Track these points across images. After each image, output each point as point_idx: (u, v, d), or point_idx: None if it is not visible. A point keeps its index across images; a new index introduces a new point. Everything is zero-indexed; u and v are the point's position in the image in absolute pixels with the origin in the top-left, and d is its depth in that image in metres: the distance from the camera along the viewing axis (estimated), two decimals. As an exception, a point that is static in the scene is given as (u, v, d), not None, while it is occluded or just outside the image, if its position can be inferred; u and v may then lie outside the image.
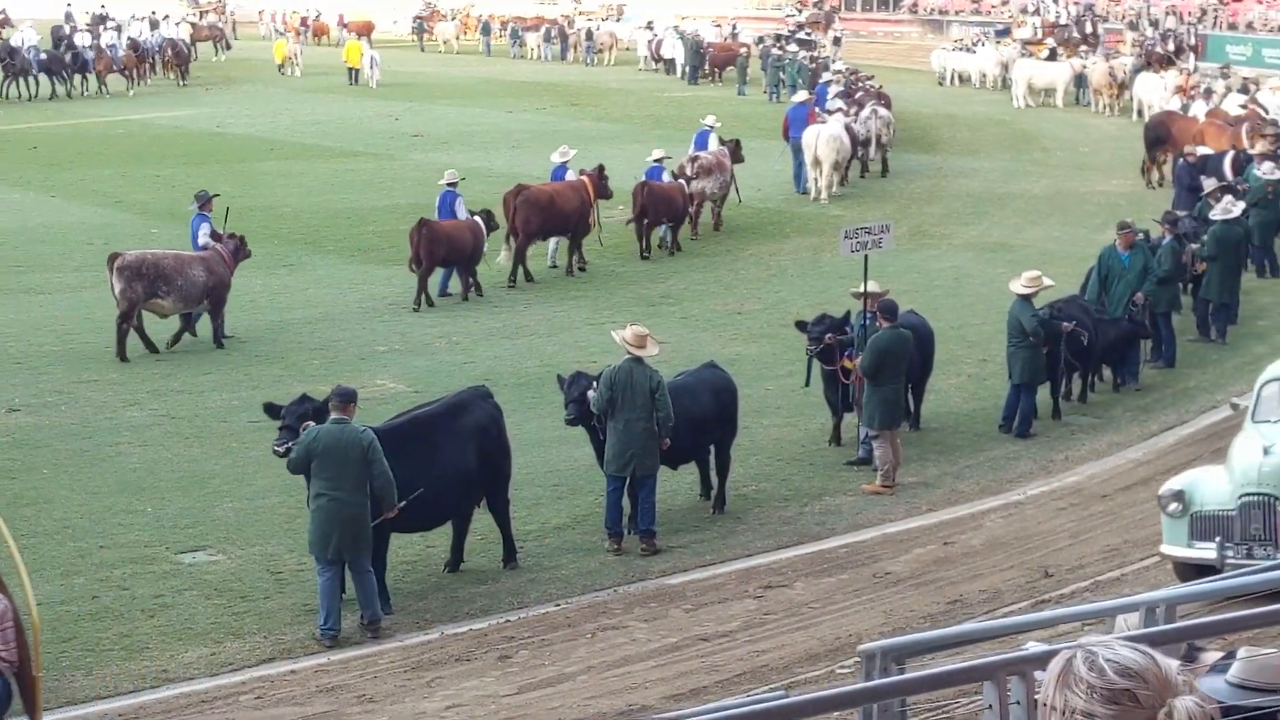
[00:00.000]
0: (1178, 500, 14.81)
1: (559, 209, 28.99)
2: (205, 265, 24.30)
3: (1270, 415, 15.34)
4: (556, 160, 31.35)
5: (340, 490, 14.51)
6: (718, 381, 18.29)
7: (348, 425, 14.66)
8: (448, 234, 27.17)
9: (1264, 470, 14.47)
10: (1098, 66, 51.03)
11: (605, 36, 71.97)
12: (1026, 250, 29.86)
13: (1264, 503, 14.43)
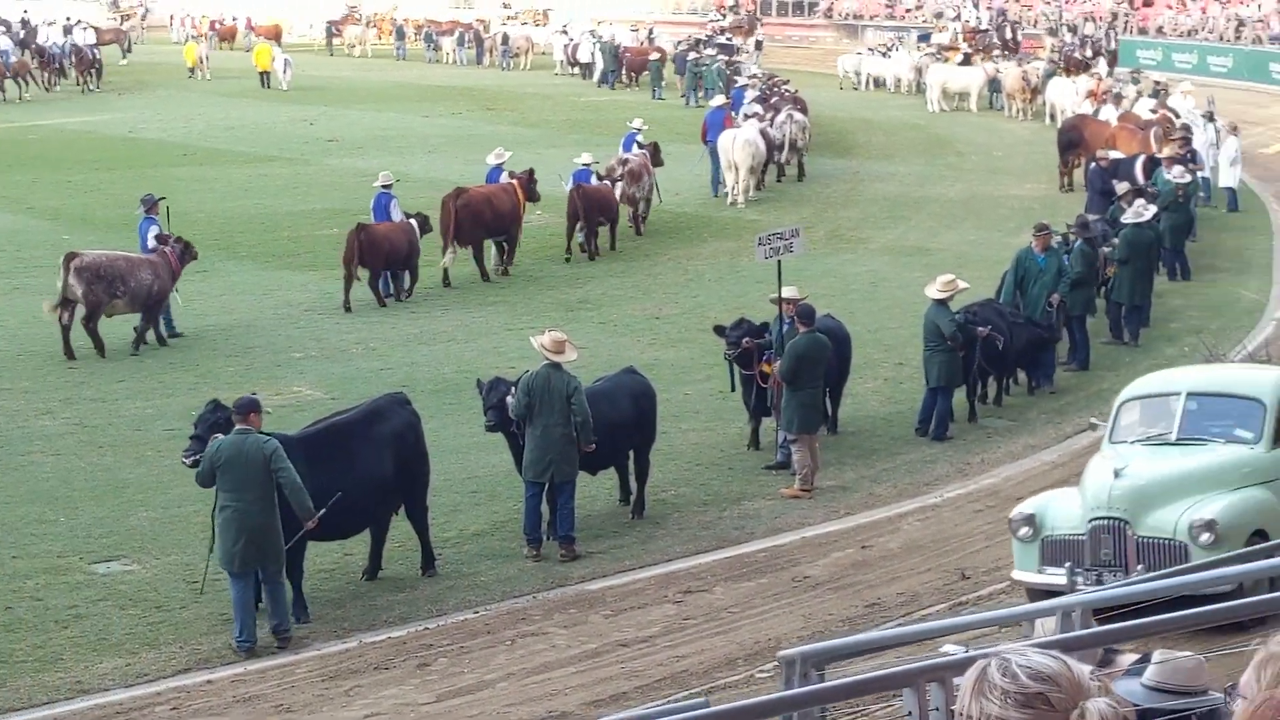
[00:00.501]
0: (1028, 524, 14.49)
1: (496, 211, 29.23)
2: (152, 269, 24.46)
3: (1128, 436, 15.16)
4: (492, 162, 31.57)
5: (244, 501, 14.41)
6: (636, 386, 18.30)
7: (250, 434, 14.56)
8: (386, 236, 27.26)
9: (1115, 493, 14.14)
10: (1011, 71, 51.41)
11: (521, 41, 71.82)
12: (942, 254, 30.04)
13: (1114, 527, 14.07)
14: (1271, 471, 14.69)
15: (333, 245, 27.89)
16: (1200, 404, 15.17)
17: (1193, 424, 15.02)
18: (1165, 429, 15.05)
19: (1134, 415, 15.37)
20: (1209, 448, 14.85)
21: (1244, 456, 14.72)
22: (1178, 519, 13.98)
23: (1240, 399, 15.18)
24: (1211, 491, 14.30)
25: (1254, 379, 15.81)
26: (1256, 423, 14.85)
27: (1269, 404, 14.87)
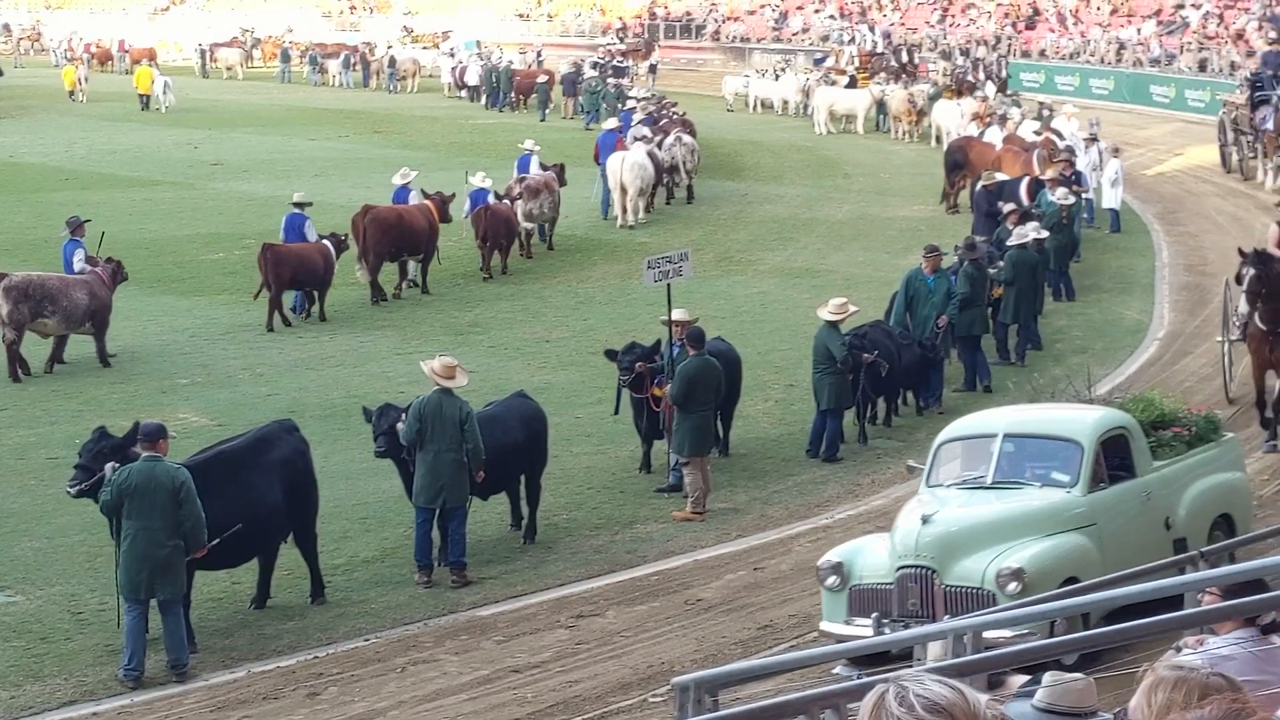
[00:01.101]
0: (836, 573, 13.97)
1: (408, 228, 29.42)
2: (88, 288, 24.57)
3: (946, 478, 14.73)
4: (398, 182, 31.74)
5: (153, 528, 14.22)
6: (527, 410, 18.25)
7: (160, 462, 14.40)
8: (296, 255, 27.30)
9: (922, 540, 13.59)
10: (897, 94, 51.82)
11: (408, 64, 71.58)
12: (831, 275, 30.19)
13: (921, 575, 13.53)
14: (1088, 516, 14.30)
15: (218, 270, 27.66)
16: (1017, 446, 14.80)
17: (1009, 467, 14.63)
18: (981, 472, 14.62)
19: (951, 457, 14.93)
20: (1024, 492, 14.46)
21: (1060, 501, 14.32)
22: (985, 567, 13.51)
23: (1057, 440, 14.83)
24: (1024, 538, 13.85)
25: (1072, 420, 15.37)
26: (1074, 465, 14.49)
27: (1086, 446, 14.53)
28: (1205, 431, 16.10)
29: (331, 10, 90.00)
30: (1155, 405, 16.18)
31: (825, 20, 73.36)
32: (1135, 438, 15.04)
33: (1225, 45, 54.69)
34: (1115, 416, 15.22)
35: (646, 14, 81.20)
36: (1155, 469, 15.17)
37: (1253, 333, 20.24)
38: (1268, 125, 36.96)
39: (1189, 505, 15.29)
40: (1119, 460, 14.85)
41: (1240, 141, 39.35)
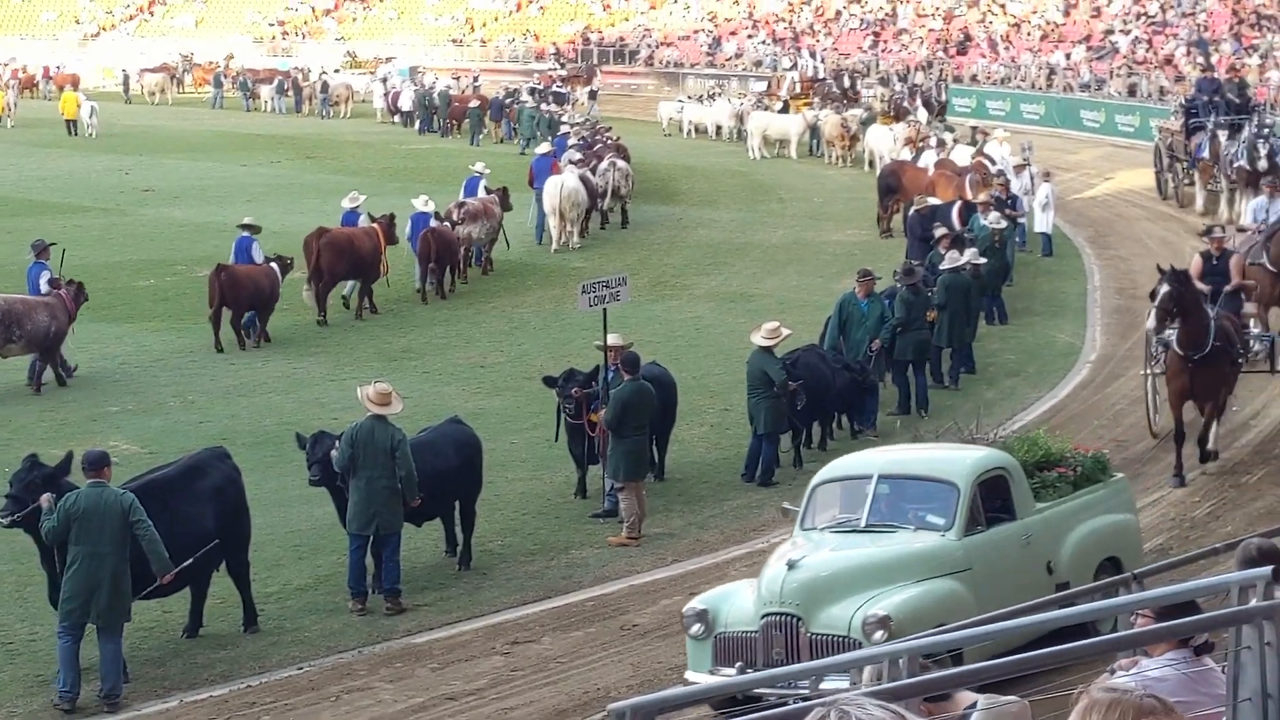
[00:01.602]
0: (700, 620, 13.45)
1: (357, 251, 29.74)
2: (49, 310, 24.87)
3: (820, 521, 14.23)
4: (347, 205, 32.04)
5: (100, 553, 14.12)
6: (461, 436, 18.20)
7: (107, 488, 14.33)
8: (250, 277, 27.52)
9: (787, 587, 13.11)
10: (830, 119, 52.02)
11: (341, 89, 71.38)
12: (766, 299, 30.23)
13: (786, 623, 13.04)
14: (963, 561, 13.82)
15: (150, 296, 27.46)
16: (893, 487, 14.29)
17: (884, 509, 14.11)
18: (856, 515, 14.10)
19: (826, 500, 14.40)
20: (898, 535, 13.98)
21: (933, 545, 13.85)
22: (852, 615, 13.02)
23: (933, 482, 14.36)
24: (894, 584, 13.38)
25: (949, 461, 14.82)
26: (949, 508, 14.01)
27: (962, 488, 14.06)
28: (1093, 472, 15.64)
29: (264, 36, 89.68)
30: (1040, 445, 15.76)
31: (758, 45, 73.64)
32: (1016, 479, 14.61)
33: (1154, 71, 55.21)
34: (994, 457, 14.79)
35: (580, 39, 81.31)
36: (1037, 511, 14.73)
37: (1171, 360, 19.94)
38: (1203, 153, 36.93)
39: (1073, 548, 14.82)
40: (999, 502, 14.43)
41: (1175, 168, 39.35)
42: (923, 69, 58.73)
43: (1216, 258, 22.12)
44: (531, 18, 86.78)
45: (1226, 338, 19.78)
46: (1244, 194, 34.35)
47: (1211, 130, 36.42)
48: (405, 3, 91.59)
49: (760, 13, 78.28)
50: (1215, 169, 36.41)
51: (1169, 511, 18.88)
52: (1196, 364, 19.46)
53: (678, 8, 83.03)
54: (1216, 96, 38.02)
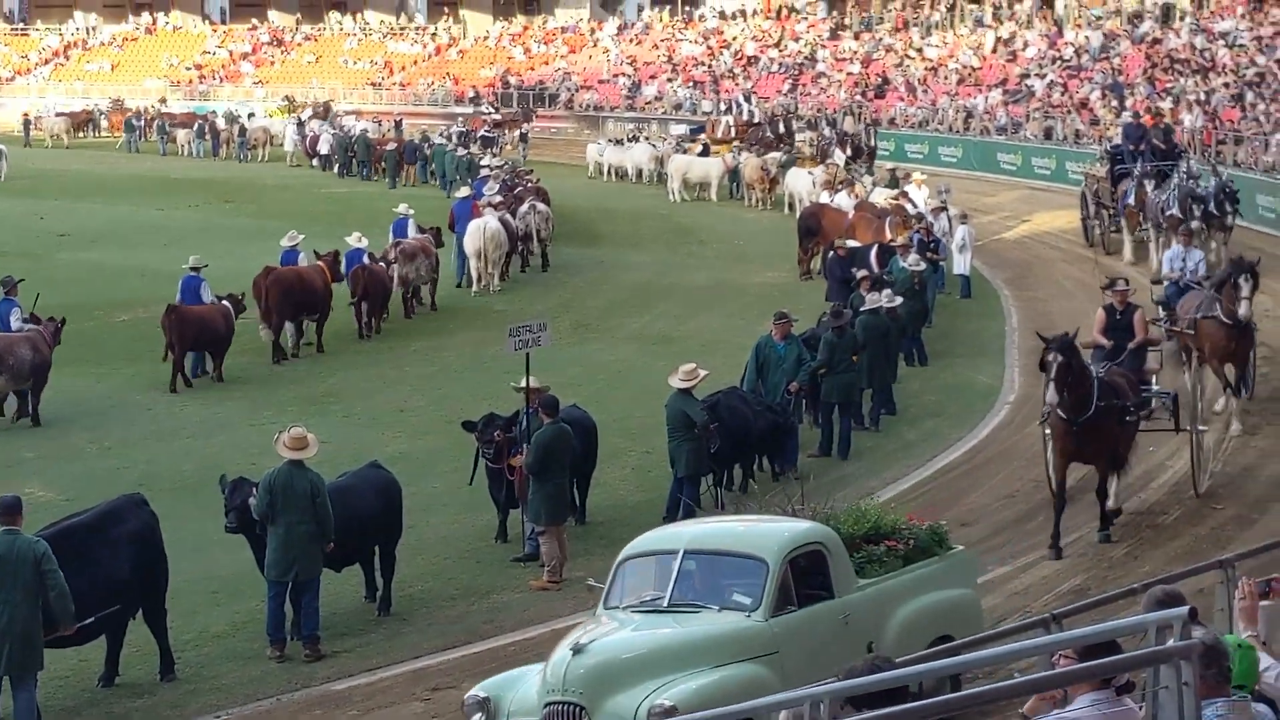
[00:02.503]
0: (481, 709, 12.54)
1: (307, 288, 30.12)
2: (31, 344, 25.22)
3: (624, 599, 13.31)
4: (286, 245, 32.48)
5: (14, 601, 13.89)
6: (380, 481, 18.09)
7: (19, 535, 14.11)
8: (200, 317, 27.74)
9: (572, 673, 12.24)
10: (750, 161, 52.19)
11: (259, 133, 71.11)
12: (688, 341, 30.26)
13: (569, 712, 12.19)
14: (769, 643, 12.85)
15: (68, 341, 27.13)
16: (699, 564, 13.36)
17: (688, 587, 13.17)
18: (659, 593, 13.14)
19: (632, 576, 13.45)
20: (701, 616, 12.97)
21: (737, 627, 12.89)
22: (638, 705, 12.15)
23: (741, 558, 13.36)
24: (690, 669, 12.44)
25: (759, 535, 13.81)
26: (757, 587, 13.03)
27: (772, 564, 13.08)
28: (928, 544, 14.73)
29: (180, 80, 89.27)
30: (869, 517, 14.85)
31: (678, 89, 73.92)
32: (834, 554, 13.64)
33: (1070, 114, 55.76)
34: (811, 531, 13.83)
35: (499, 83, 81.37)
36: (859, 588, 13.79)
37: (1054, 423, 19.20)
38: (1129, 200, 36.77)
39: (899, 627, 13.85)
40: (817, 579, 13.47)
41: (1102, 215, 39.19)
42: (851, 114, 59.04)
43: (1120, 311, 21.53)
44: (451, 61, 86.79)
45: (1115, 394, 19.18)
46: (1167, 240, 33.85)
47: (1138, 178, 36.25)
48: (323, 46, 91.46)
49: (679, 57, 78.61)
50: (1142, 216, 36.20)
51: (1087, 552, 18.97)
52: (1081, 427, 18.79)
53: (597, 51, 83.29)
54: (1142, 144, 37.77)
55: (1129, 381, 19.96)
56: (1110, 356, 20.54)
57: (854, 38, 74.38)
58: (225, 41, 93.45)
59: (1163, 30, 62.00)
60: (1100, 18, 66.08)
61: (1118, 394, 19.27)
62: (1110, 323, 21.39)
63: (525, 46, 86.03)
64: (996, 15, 70.96)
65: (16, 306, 26.41)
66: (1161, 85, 55.03)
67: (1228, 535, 19.02)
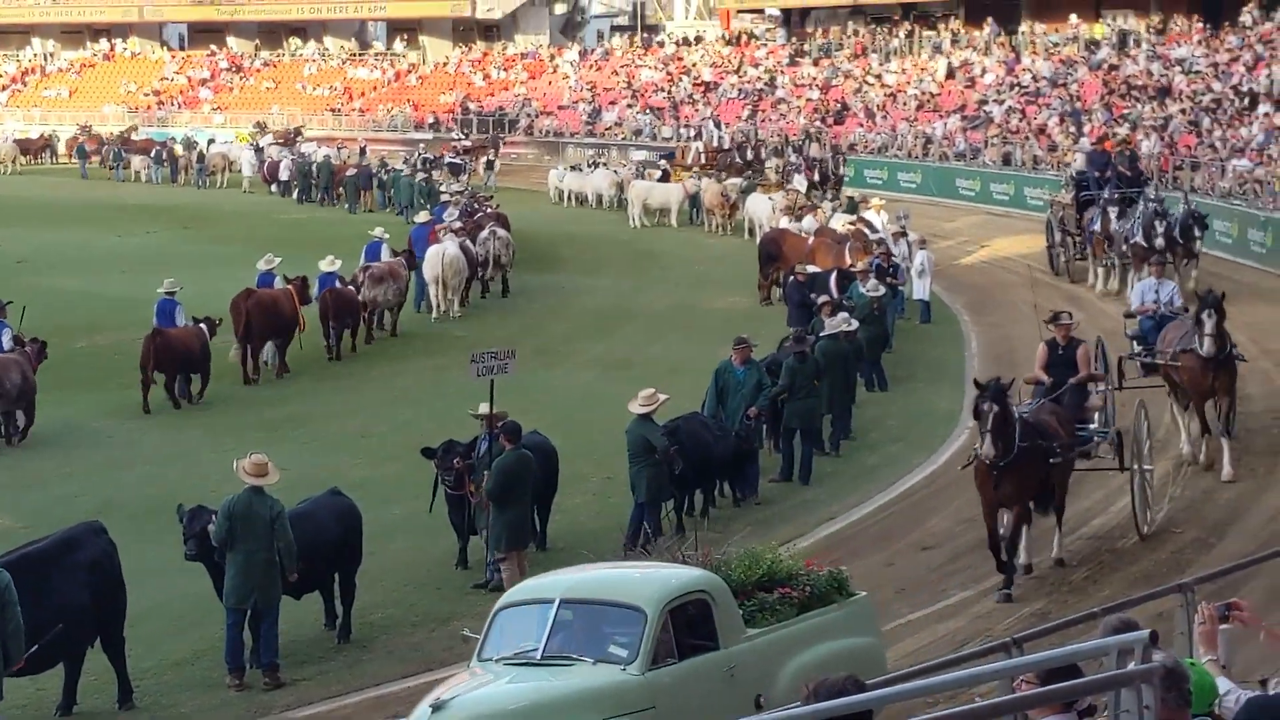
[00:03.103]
0: None
1: (280, 312, 30.78)
2: (19, 367, 25.67)
3: (500, 650, 12.67)
4: (262, 268, 32.85)
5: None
6: (340, 507, 18.03)
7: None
8: (181, 340, 28.21)
9: None
10: (710, 187, 52.29)
11: (217, 159, 70.95)
12: (649, 366, 30.24)
13: None
14: (644, 698, 12.26)
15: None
16: (575, 613, 12.70)
17: (564, 638, 12.51)
18: (533, 644, 12.48)
19: (507, 626, 12.82)
20: (574, 669, 12.37)
21: (612, 680, 12.26)
22: None
23: (618, 607, 12.71)
24: None
25: (638, 583, 13.18)
26: (634, 638, 12.37)
27: (650, 614, 12.40)
28: (826, 591, 14.05)
29: (139, 105, 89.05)
30: (763, 563, 14.05)
31: (638, 115, 74.04)
32: (720, 603, 12.96)
33: (1028, 140, 56.04)
34: (694, 579, 13.14)
35: (459, 108, 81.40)
36: (748, 638, 13.10)
37: (977, 468, 18.49)
38: (1095, 227, 36.46)
39: (791, 678, 12.98)
40: (700, 629, 12.82)
41: (1067, 242, 38.83)
42: (816, 140, 59.21)
43: (1063, 347, 20.75)
44: (410, 87, 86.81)
45: (1040, 434, 18.49)
46: (1137, 271, 33.69)
47: (1103, 205, 35.99)
48: (282, 72, 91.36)
49: (639, 83, 78.75)
50: (1108, 244, 35.94)
51: (1048, 576, 19.02)
52: (1003, 470, 18.06)
53: (557, 77, 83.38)
54: (1108, 170, 37.58)
55: (1060, 419, 19.27)
56: (1050, 393, 19.97)
57: (813, 64, 74.61)
58: (184, 68, 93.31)
59: (1120, 57, 62.38)
60: (1058, 45, 66.44)
61: (1043, 434, 18.57)
62: (1052, 358, 20.65)
63: (485, 72, 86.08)
64: (955, 42, 71.29)
65: (6, 328, 26.83)
66: (1119, 111, 55.35)
67: (1187, 559, 19.09)
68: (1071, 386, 20.25)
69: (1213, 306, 22.50)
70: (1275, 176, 41.35)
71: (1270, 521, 20.55)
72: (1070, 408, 20.10)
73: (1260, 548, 18.51)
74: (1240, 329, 31.04)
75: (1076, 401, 20.36)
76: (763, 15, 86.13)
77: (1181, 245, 33.87)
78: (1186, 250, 34.11)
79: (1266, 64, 53.99)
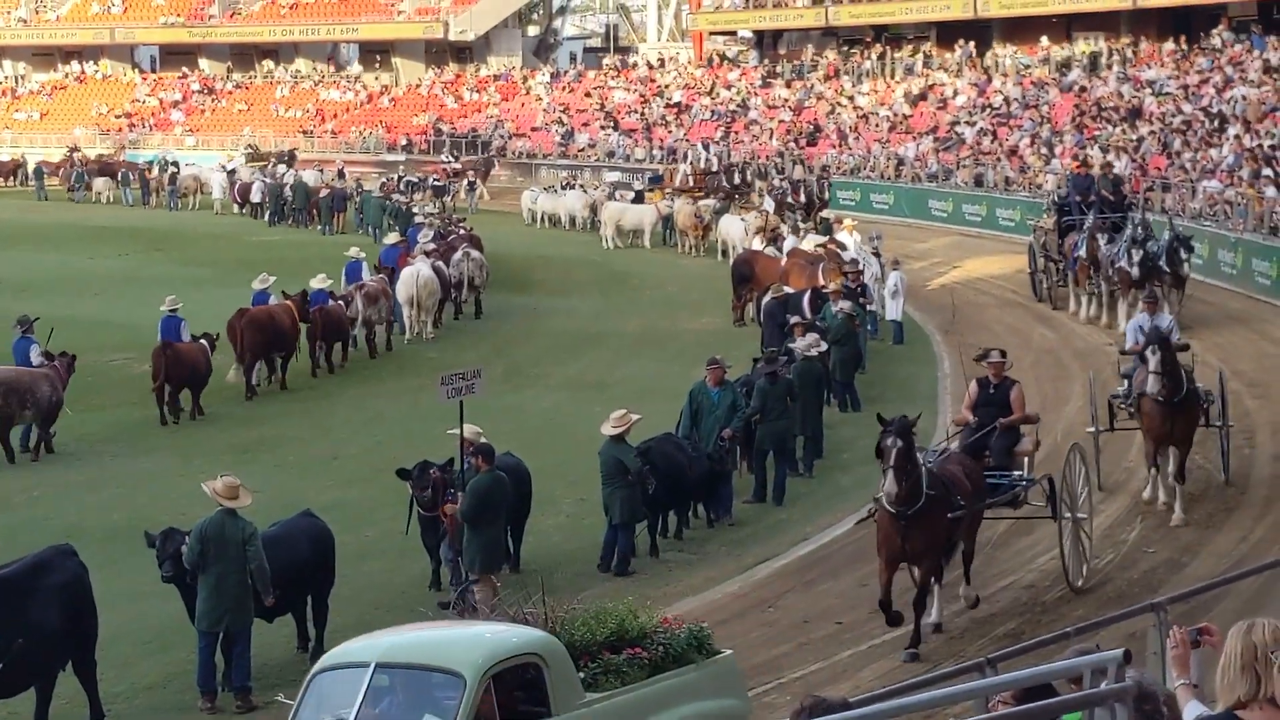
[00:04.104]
0: None
1: (278, 328, 31.40)
2: (49, 381, 26.57)
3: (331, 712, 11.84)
4: (257, 287, 33.34)
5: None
6: (313, 530, 17.96)
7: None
8: (190, 354, 29.05)
9: None
10: (684, 208, 52.37)
11: (189, 181, 70.80)
12: (622, 388, 30.25)
13: None
14: None
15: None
16: (392, 679, 11.93)
17: (377, 706, 11.76)
18: (345, 711, 11.66)
19: (323, 691, 12.05)
20: None
21: None
22: None
23: (437, 673, 11.91)
24: None
25: (460, 645, 12.28)
26: (452, 706, 11.53)
27: (470, 680, 11.56)
28: (682, 650, 13.16)
29: (110, 128, 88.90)
30: (610, 621, 13.16)
31: (610, 136, 74.11)
32: (554, 666, 12.07)
33: (1000, 161, 56.22)
34: (523, 641, 12.25)
35: (431, 130, 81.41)
36: (586, 704, 12.22)
37: (880, 518, 17.19)
38: (1080, 252, 35.39)
39: None
40: (530, 695, 12.05)
41: (1050, 268, 38.01)
42: (800, 163, 59.33)
43: (994, 386, 19.53)
44: (383, 109, 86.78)
45: (946, 486, 17.16)
46: (1124, 298, 33.10)
47: (1089, 230, 34.92)
48: (254, 94, 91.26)
49: (612, 104, 78.84)
50: (1093, 271, 34.93)
51: (1020, 595, 19.03)
52: (911, 520, 16.70)
53: (530, 99, 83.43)
54: (1091, 194, 36.51)
55: (967, 470, 17.81)
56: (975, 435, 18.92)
57: (785, 85, 74.76)
58: (156, 90, 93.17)
59: (1090, 79, 62.62)
60: (1029, 67, 66.68)
61: (950, 486, 17.26)
62: (982, 398, 19.40)
63: (457, 94, 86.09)
64: (927, 64, 71.51)
65: (35, 343, 27.74)
66: (1090, 133, 55.56)
67: (1159, 579, 19.12)
68: (1001, 429, 19.06)
69: (1157, 342, 21.19)
70: (1245, 198, 41.46)
71: (1240, 542, 20.59)
72: (998, 453, 18.96)
73: (1231, 568, 18.59)
74: (1211, 350, 31.25)
75: (1006, 445, 19.12)
76: (735, 37, 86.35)
77: (1169, 272, 33.04)
78: (1175, 277, 33.23)
79: (1236, 85, 54.23)
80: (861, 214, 52.48)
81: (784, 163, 59.62)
